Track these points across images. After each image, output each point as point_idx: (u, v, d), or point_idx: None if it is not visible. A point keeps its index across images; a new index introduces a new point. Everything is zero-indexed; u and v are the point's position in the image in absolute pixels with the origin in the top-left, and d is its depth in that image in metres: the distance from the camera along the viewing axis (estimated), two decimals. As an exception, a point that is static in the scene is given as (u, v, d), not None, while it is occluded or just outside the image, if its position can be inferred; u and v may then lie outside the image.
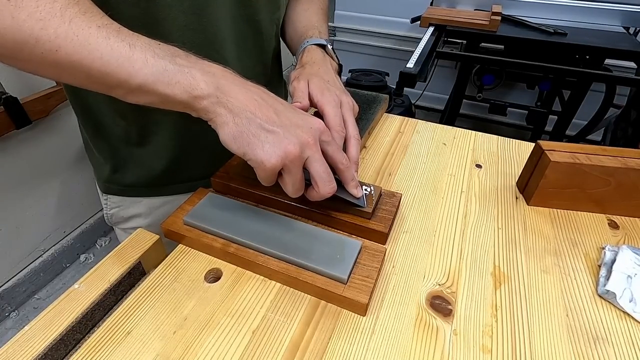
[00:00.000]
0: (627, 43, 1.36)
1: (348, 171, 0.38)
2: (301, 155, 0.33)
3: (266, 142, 0.32)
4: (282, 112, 0.34)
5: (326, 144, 0.36)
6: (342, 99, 0.44)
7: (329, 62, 0.50)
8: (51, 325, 0.31)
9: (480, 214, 0.45)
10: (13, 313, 1.29)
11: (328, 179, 0.35)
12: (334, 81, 0.47)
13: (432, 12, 1.54)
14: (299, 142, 0.33)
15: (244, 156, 0.33)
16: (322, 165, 0.34)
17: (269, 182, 0.35)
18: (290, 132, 0.33)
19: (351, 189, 0.39)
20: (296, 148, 0.32)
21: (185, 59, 0.33)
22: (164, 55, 0.32)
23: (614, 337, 0.33)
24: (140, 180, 0.52)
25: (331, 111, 0.42)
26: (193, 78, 0.32)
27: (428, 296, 0.36)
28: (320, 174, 0.34)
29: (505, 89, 2.11)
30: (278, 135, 0.32)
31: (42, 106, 1.12)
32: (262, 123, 0.32)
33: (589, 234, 0.43)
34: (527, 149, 0.58)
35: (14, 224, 1.22)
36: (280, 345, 0.31)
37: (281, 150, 0.32)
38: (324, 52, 0.51)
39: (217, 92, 0.32)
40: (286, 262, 0.36)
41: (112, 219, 0.57)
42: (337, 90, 0.45)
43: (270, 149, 0.32)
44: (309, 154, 0.34)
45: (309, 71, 0.47)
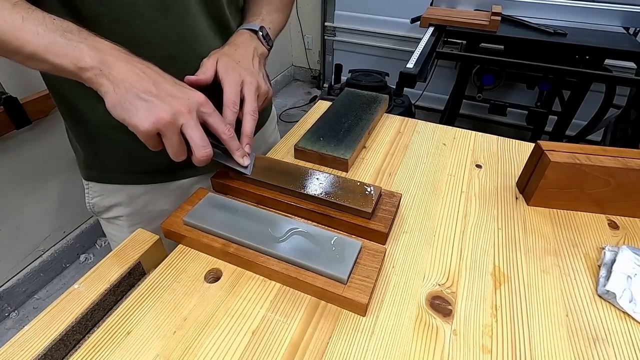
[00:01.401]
0: (627, 43, 1.37)
1: (232, 141, 0.42)
2: (173, 121, 0.36)
3: (140, 109, 0.36)
4: (160, 84, 0.38)
5: (206, 115, 0.40)
6: (246, 78, 0.46)
7: (253, 45, 0.51)
8: (51, 326, 0.31)
9: (480, 214, 0.45)
10: (13, 313, 1.29)
11: (202, 144, 0.38)
12: (246, 63, 0.48)
13: (432, 12, 1.54)
14: (172, 110, 0.36)
15: (122, 122, 0.37)
16: (196, 132, 0.38)
17: (151, 145, 0.38)
18: (164, 101, 0.37)
19: (237, 157, 0.43)
20: (167, 115, 0.36)
21: (77, 34, 0.36)
22: (54, 29, 0.35)
23: (614, 337, 0.33)
24: (120, 165, 0.53)
25: (228, 89, 0.44)
26: (80, 51, 0.35)
27: (428, 296, 0.36)
28: (194, 139, 0.38)
29: (505, 89, 2.11)
30: (152, 104, 0.36)
31: (42, 106, 1.12)
32: (139, 93, 0.36)
33: (589, 234, 0.43)
34: (527, 149, 0.58)
35: (14, 224, 1.22)
36: (280, 345, 0.31)
37: (153, 116, 0.36)
38: (252, 35, 0.52)
39: (100, 65, 0.36)
40: (286, 262, 0.36)
41: (94, 208, 0.57)
42: (244, 71, 0.47)
43: (143, 115, 0.36)
44: (183, 122, 0.37)
45: (223, 51, 0.48)
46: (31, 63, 0.37)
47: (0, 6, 0.35)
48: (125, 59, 0.38)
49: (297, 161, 0.54)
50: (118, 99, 0.36)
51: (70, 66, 0.36)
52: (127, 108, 0.36)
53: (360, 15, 2.34)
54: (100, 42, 0.37)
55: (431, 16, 1.49)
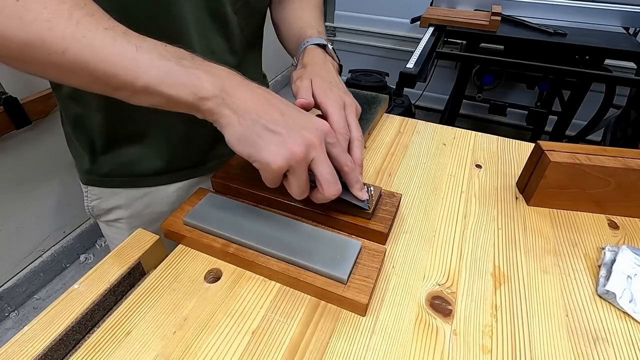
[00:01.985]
0: (626, 43, 1.37)
1: (353, 173, 0.37)
2: (306, 156, 0.33)
3: (271, 143, 0.32)
4: (287, 112, 0.34)
5: (331, 146, 0.35)
6: (346, 100, 0.44)
7: (330, 62, 0.50)
8: (51, 326, 0.31)
9: (480, 214, 0.45)
10: (13, 313, 1.29)
11: (333, 180, 0.35)
12: (336, 82, 0.46)
13: (432, 12, 1.54)
14: (304, 142, 0.32)
15: (249, 158, 0.33)
16: (327, 167, 0.34)
17: (275, 183, 0.34)
18: (295, 132, 0.32)
19: (356, 191, 0.39)
20: (301, 149, 0.32)
21: (190, 60, 0.33)
22: (170, 57, 0.32)
23: (614, 337, 0.33)
24: (120, 170, 0.52)
25: (335, 113, 0.41)
26: (198, 79, 0.32)
27: (428, 296, 0.36)
28: (325, 175, 0.34)
29: (505, 89, 2.11)
30: (283, 136, 0.32)
31: (42, 106, 1.12)
32: (266, 124, 0.32)
33: (589, 234, 0.43)
34: (527, 149, 0.58)
35: (14, 224, 1.22)
36: (280, 345, 0.31)
37: (286, 151, 0.32)
38: (324, 52, 0.51)
39: (222, 94, 0.32)
40: (286, 263, 0.36)
41: (93, 211, 0.56)
42: (340, 91, 0.45)
43: (275, 150, 0.32)
44: (314, 155, 0.33)
45: (311, 71, 0.46)
46: (138, 98, 0.32)
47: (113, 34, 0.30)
48: (245, 84, 0.34)
49: (297, 161, 0.54)
50: (244, 132, 0.32)
51: (189, 97, 0.31)
52: (255, 142, 0.32)
53: (360, 15, 2.34)
54: (215, 67, 0.34)
55: (431, 16, 1.49)
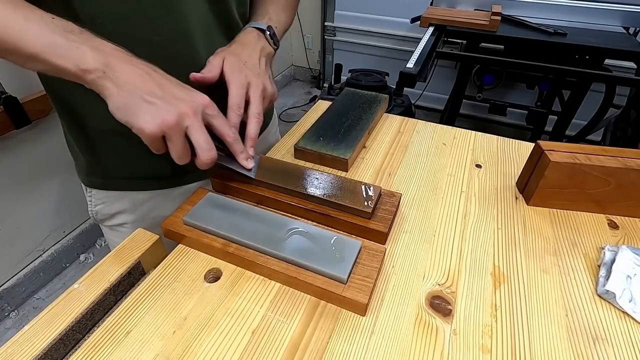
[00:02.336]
0: (626, 43, 1.36)
1: (236, 143, 0.42)
2: (179, 124, 0.36)
3: (147, 112, 0.35)
4: (165, 86, 0.37)
5: (211, 117, 0.39)
6: (252, 80, 0.45)
7: (260, 45, 0.50)
8: (51, 325, 0.31)
9: (479, 214, 0.45)
10: (13, 313, 1.29)
11: (207, 147, 0.37)
12: (253, 63, 0.47)
13: (432, 12, 1.54)
14: (177, 112, 0.36)
15: (127, 124, 0.36)
16: (201, 135, 0.37)
17: (155, 149, 0.37)
18: (170, 103, 0.36)
19: (241, 160, 0.43)
20: (173, 117, 0.35)
21: (78, 35, 0.35)
22: (56, 30, 0.35)
23: (614, 337, 0.33)
24: (123, 171, 0.52)
25: (234, 91, 0.44)
26: (82, 53, 0.35)
27: (428, 296, 0.36)
28: (199, 142, 0.37)
29: (505, 89, 2.11)
30: (157, 106, 0.35)
31: (42, 106, 1.12)
32: (143, 95, 0.35)
33: (589, 234, 0.43)
34: (526, 149, 0.58)
35: (14, 223, 1.22)
36: (280, 345, 0.31)
37: (159, 118, 0.35)
38: (260, 34, 0.52)
39: (104, 67, 0.35)
40: (286, 262, 0.36)
41: (97, 215, 0.56)
42: (250, 72, 0.46)
43: (148, 118, 0.35)
44: (188, 124, 0.36)
45: (229, 50, 0.48)
46: (30, 64, 0.36)
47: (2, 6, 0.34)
48: (129, 60, 0.37)
49: (297, 161, 0.54)
50: (122, 102, 0.35)
51: (73, 68, 0.35)
52: (131, 111, 0.35)
53: (361, 15, 2.34)
54: (102, 43, 0.37)
55: (431, 16, 1.49)
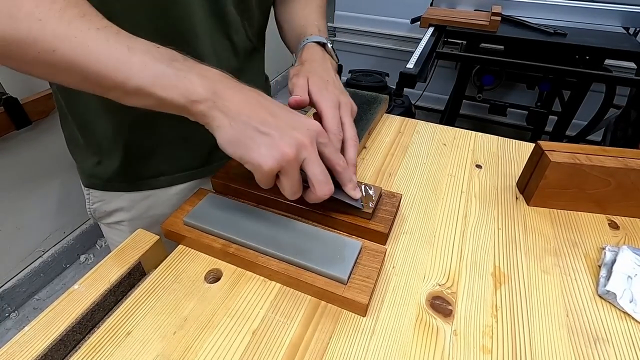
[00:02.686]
0: (627, 43, 1.37)
1: (345, 173, 0.38)
2: (297, 156, 0.33)
3: (262, 145, 0.32)
4: (278, 114, 0.34)
5: (323, 146, 0.36)
6: (341, 99, 0.44)
7: (328, 61, 0.50)
8: (51, 326, 0.31)
9: (480, 215, 0.45)
10: (13, 313, 1.29)
11: (325, 180, 0.35)
12: (333, 81, 0.46)
13: (432, 12, 1.54)
14: (296, 143, 0.33)
15: (240, 159, 0.33)
16: (318, 167, 0.34)
17: (268, 184, 0.35)
18: (286, 133, 0.33)
19: (349, 190, 0.39)
20: (292, 150, 0.32)
21: (182, 62, 0.33)
22: (162, 58, 0.32)
23: (614, 337, 0.33)
24: (124, 174, 0.52)
25: (329, 112, 0.42)
26: (190, 82, 0.32)
27: (428, 296, 0.36)
28: (317, 175, 0.34)
29: (505, 90, 2.11)
30: (274, 138, 0.32)
31: (42, 107, 1.12)
32: (258, 126, 0.32)
33: (589, 234, 0.43)
34: (527, 149, 0.58)
35: (14, 224, 1.22)
36: (281, 345, 0.31)
37: (277, 152, 0.32)
38: (323, 50, 0.51)
39: (213, 97, 0.32)
40: (286, 263, 0.36)
41: (95, 213, 0.56)
42: (336, 90, 0.45)
43: (266, 152, 0.32)
44: (306, 156, 0.33)
45: (308, 68, 0.46)
46: (130, 99, 0.33)
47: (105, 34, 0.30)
48: (236, 87, 0.34)
49: (297, 161, 0.54)
50: (236, 134, 0.32)
51: (181, 99, 0.32)
52: (246, 144, 0.32)
53: (360, 15, 2.34)
54: (207, 69, 0.34)
55: (431, 16, 1.49)
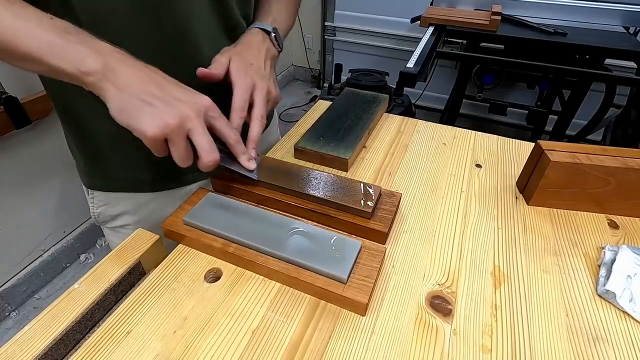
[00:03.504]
0: (627, 43, 1.36)
1: (237, 145, 0.41)
2: (181, 126, 0.35)
3: (147, 115, 0.34)
4: (166, 87, 0.37)
5: (213, 119, 0.39)
6: (257, 82, 0.45)
7: (265, 47, 0.50)
8: (51, 325, 0.31)
9: (480, 214, 0.45)
10: (13, 313, 1.30)
11: (209, 149, 0.37)
12: (258, 66, 0.47)
13: (432, 12, 1.54)
14: (179, 114, 0.35)
15: (128, 127, 0.35)
16: (203, 137, 0.37)
17: (157, 152, 0.36)
18: (171, 105, 0.35)
19: (243, 161, 0.43)
20: (175, 119, 0.35)
21: (75, 35, 0.34)
22: (52, 29, 0.34)
23: (614, 337, 0.33)
24: (124, 173, 0.52)
25: (239, 93, 0.44)
26: (81, 54, 0.34)
27: (428, 296, 0.36)
28: (201, 144, 0.37)
29: (505, 89, 2.11)
30: (158, 108, 0.35)
31: (42, 106, 1.12)
32: (145, 97, 0.35)
33: (589, 233, 0.43)
34: (527, 148, 0.58)
35: (14, 223, 1.22)
36: (280, 345, 0.31)
37: (161, 121, 0.34)
38: (265, 36, 0.51)
39: (103, 69, 0.34)
40: (286, 262, 0.36)
41: (99, 217, 0.56)
42: (255, 75, 0.46)
43: (150, 120, 0.34)
44: (190, 126, 0.36)
45: (236, 50, 0.47)
46: (25, 64, 0.35)
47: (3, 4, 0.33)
48: (128, 62, 0.36)
49: (297, 161, 0.54)
50: (123, 104, 0.35)
51: (72, 69, 0.34)
52: (132, 113, 0.35)
53: (361, 14, 2.34)
54: (100, 44, 0.36)
55: (431, 16, 1.49)
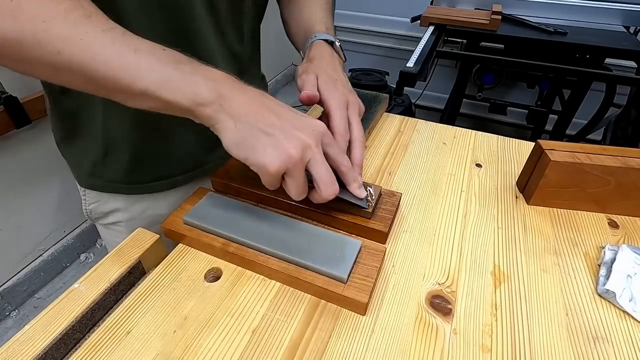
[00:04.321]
0: (627, 42, 1.36)
1: (350, 173, 0.38)
2: (303, 157, 0.33)
3: (268, 146, 0.32)
4: (282, 115, 0.34)
5: (328, 146, 0.35)
6: (350, 99, 0.44)
7: (336, 59, 0.49)
8: (51, 325, 0.31)
9: (480, 214, 0.45)
10: (13, 312, 1.30)
11: (330, 181, 0.35)
12: (341, 79, 0.46)
13: (432, 11, 1.54)
14: (300, 144, 0.32)
15: (246, 161, 0.33)
16: (324, 168, 0.34)
17: (274, 185, 0.34)
18: (291, 135, 0.33)
19: (354, 190, 0.39)
20: (298, 151, 0.32)
21: (188, 65, 0.33)
22: (167, 61, 0.32)
23: (614, 336, 0.33)
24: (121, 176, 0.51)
25: (337, 112, 0.42)
26: (196, 85, 0.32)
27: (428, 295, 0.36)
28: (322, 176, 0.34)
29: (505, 89, 2.11)
30: (279, 139, 0.32)
31: (42, 106, 1.11)
32: (263, 127, 0.32)
33: (589, 233, 0.43)
34: (527, 148, 0.58)
35: (14, 223, 1.22)
36: (280, 344, 0.31)
37: (283, 153, 0.32)
38: (331, 48, 0.50)
39: (219, 99, 0.32)
40: (286, 262, 0.36)
41: (91, 214, 0.56)
42: (345, 90, 0.45)
43: (272, 153, 0.32)
44: (311, 156, 0.33)
45: (317, 66, 0.46)
46: (135, 102, 0.32)
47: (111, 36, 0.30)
48: (240, 88, 0.34)
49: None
50: (241, 136, 0.32)
51: (186, 102, 0.31)
52: (252, 146, 0.32)
53: (360, 14, 2.34)
54: (212, 71, 0.34)
55: (431, 15, 1.49)
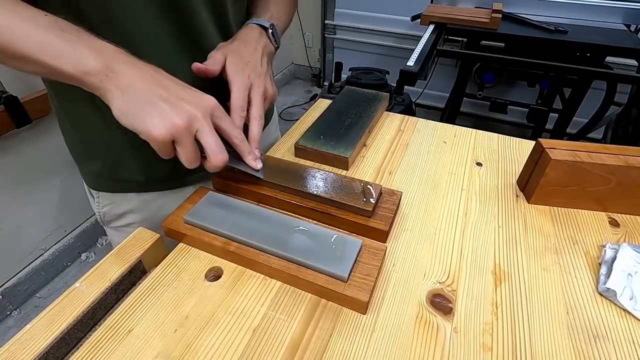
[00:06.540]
0: (628, 40, 1.36)
1: (243, 145, 0.41)
2: (188, 127, 0.35)
3: (154, 116, 0.34)
4: (171, 88, 0.36)
5: (218, 119, 0.38)
6: (254, 82, 0.45)
7: (263, 43, 0.50)
8: (52, 324, 0.32)
9: (480, 212, 0.45)
10: (15, 312, 1.30)
11: (218, 149, 0.37)
12: (255, 63, 0.47)
13: (433, 10, 1.54)
14: (187, 115, 0.34)
15: (134, 130, 0.34)
16: (211, 137, 0.36)
17: (165, 154, 0.36)
18: (177, 105, 0.35)
19: (249, 161, 0.42)
20: (183, 120, 0.34)
21: (74, 34, 0.34)
22: (49, 27, 0.33)
23: (614, 335, 0.33)
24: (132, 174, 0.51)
25: (236, 93, 0.43)
26: (81, 54, 0.33)
27: (428, 294, 0.36)
28: (210, 144, 0.36)
29: (505, 87, 2.11)
30: (164, 109, 0.34)
31: (43, 105, 1.12)
32: (150, 98, 0.34)
33: (590, 232, 0.43)
34: (527, 147, 0.58)
35: (15, 223, 1.22)
36: (281, 343, 0.31)
37: (168, 122, 0.34)
38: (262, 32, 0.51)
39: (106, 70, 0.34)
40: (287, 261, 0.36)
41: (104, 217, 0.56)
42: (252, 73, 0.46)
43: (157, 122, 0.34)
44: (198, 127, 0.35)
45: (232, 47, 0.47)
46: (21, 64, 0.34)
47: None
48: (130, 62, 0.35)
49: (297, 159, 0.54)
50: (127, 106, 0.34)
51: (72, 70, 0.33)
52: (138, 115, 0.34)
53: (361, 13, 2.33)
54: (101, 43, 0.35)
55: (431, 14, 1.49)
